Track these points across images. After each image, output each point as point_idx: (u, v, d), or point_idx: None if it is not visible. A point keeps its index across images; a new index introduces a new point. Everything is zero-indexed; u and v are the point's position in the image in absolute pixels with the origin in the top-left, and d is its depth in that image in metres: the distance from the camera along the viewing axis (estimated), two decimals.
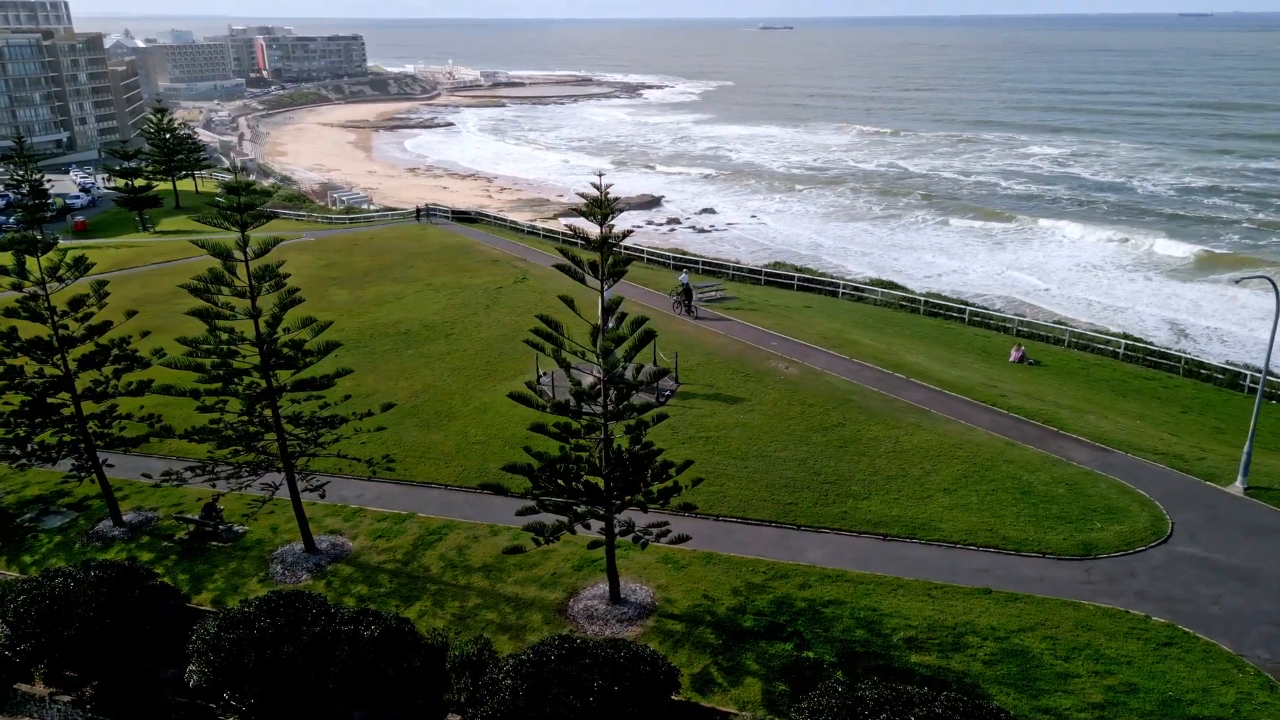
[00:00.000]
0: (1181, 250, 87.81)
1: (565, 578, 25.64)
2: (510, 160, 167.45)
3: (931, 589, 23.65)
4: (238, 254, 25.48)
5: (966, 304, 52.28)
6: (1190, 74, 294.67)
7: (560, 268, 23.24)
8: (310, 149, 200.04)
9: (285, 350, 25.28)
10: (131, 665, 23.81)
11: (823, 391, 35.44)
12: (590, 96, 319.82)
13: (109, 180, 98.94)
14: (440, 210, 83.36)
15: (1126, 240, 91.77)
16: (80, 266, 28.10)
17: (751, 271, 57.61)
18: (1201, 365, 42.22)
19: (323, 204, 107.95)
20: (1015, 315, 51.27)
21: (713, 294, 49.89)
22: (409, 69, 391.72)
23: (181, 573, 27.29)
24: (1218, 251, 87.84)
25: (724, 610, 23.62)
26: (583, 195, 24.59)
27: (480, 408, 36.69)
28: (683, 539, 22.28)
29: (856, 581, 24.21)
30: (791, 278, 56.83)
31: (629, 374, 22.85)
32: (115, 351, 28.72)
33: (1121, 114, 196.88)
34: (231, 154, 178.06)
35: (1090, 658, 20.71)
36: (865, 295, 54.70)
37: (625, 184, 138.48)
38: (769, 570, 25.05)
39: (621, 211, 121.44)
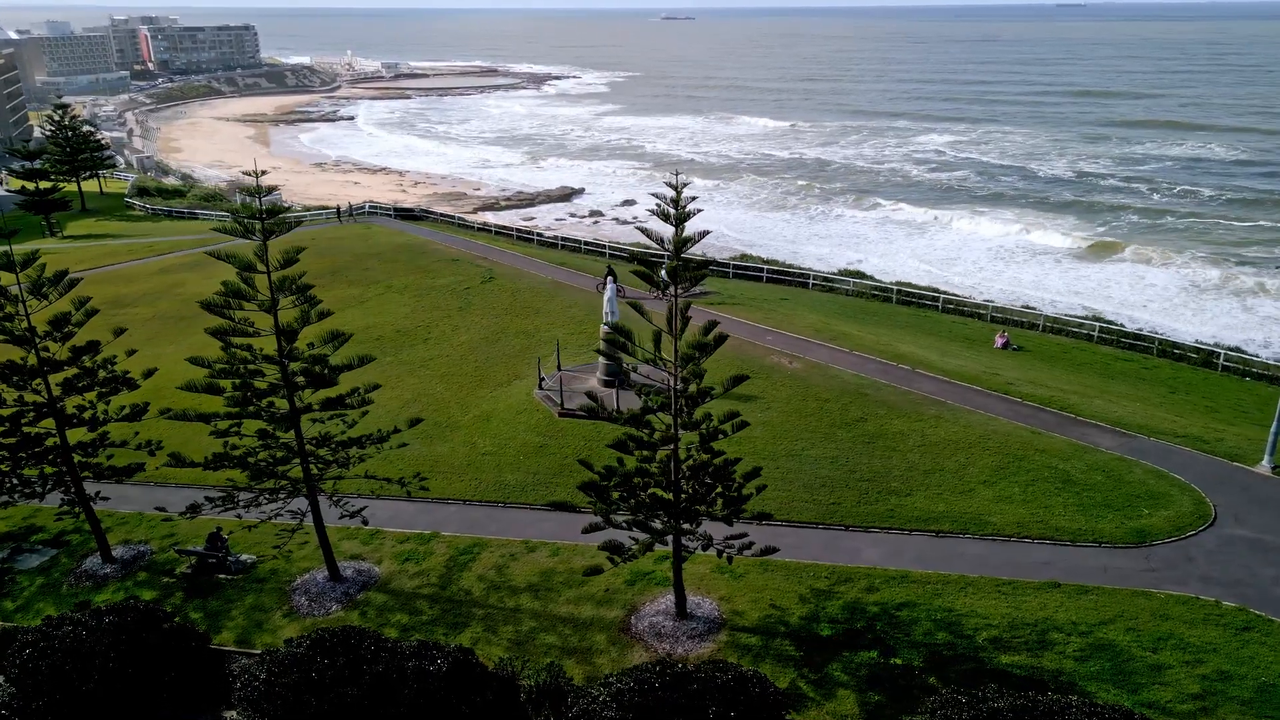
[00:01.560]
0: (1085, 233, 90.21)
1: (620, 594, 24.55)
2: (420, 154, 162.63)
3: (1000, 585, 23.44)
4: (248, 263, 23.54)
5: (939, 292, 52.84)
6: (1071, 63, 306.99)
7: (637, 274, 22.06)
8: (207, 145, 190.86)
9: (317, 369, 23.39)
10: (157, 718, 21.75)
11: (834, 386, 35.08)
12: (497, 88, 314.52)
13: (4, 183, 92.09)
14: (361, 209, 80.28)
15: (1033, 225, 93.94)
16: (60, 281, 25.53)
17: (719, 265, 57.06)
18: (1175, 345, 43.59)
19: (235, 203, 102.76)
20: (986, 301, 52.10)
21: (694, 290, 49.13)
22: (306, 60, 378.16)
23: (193, 611, 25.15)
24: (1119, 233, 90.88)
25: (796, 620, 22.93)
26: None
27: (481, 417, 35.07)
28: (770, 550, 21.44)
29: (923, 582, 23.84)
30: (760, 270, 56.52)
31: (693, 382, 21.85)
32: (103, 374, 26.20)
33: (1011, 102, 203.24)
34: (125, 151, 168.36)
35: (1176, 647, 20.77)
36: (836, 286, 54.79)
37: (542, 176, 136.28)
38: (831, 575, 24.47)
39: (540, 204, 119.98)
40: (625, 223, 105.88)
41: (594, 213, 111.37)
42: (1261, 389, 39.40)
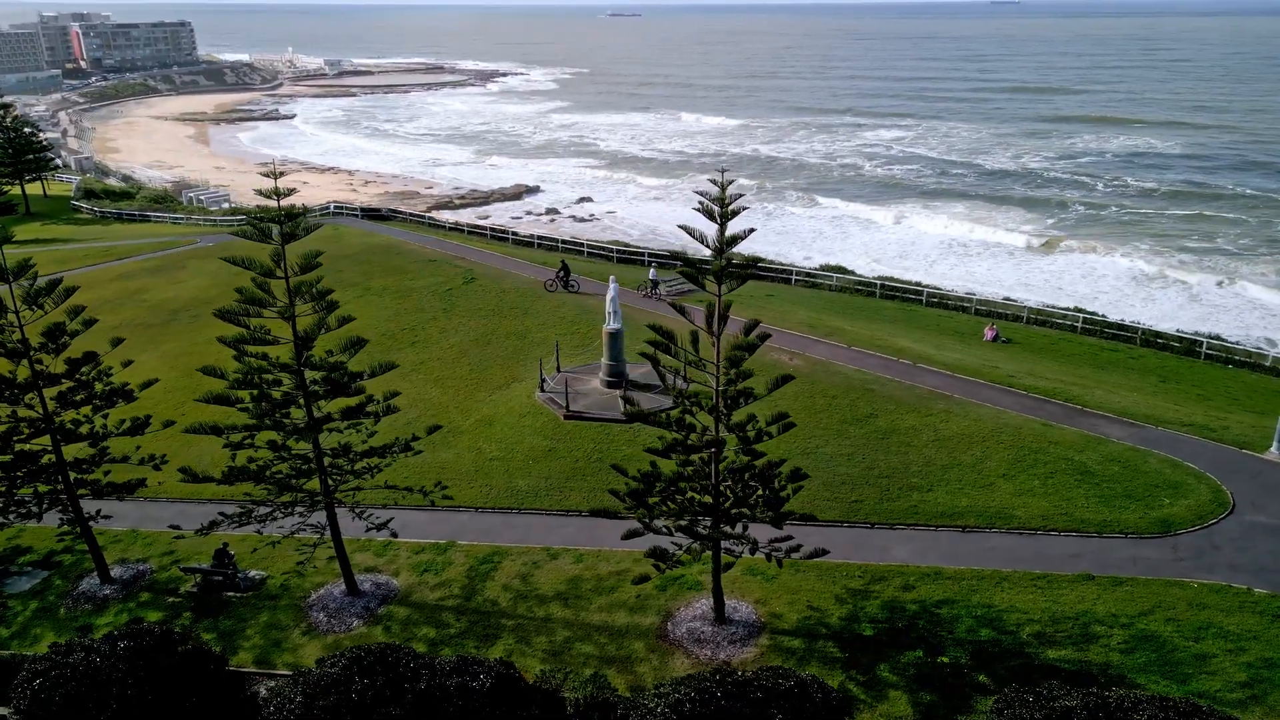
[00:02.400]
0: (1034, 226, 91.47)
1: (652, 600, 24.08)
2: (368, 153, 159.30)
3: (1035, 579, 23.47)
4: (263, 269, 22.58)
5: (923, 286, 53.21)
6: (1007, 59, 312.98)
7: (683, 273, 21.58)
8: (146, 145, 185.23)
9: (338, 377, 22.51)
10: None
11: (839, 382, 34.98)
12: (445, 85, 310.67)
13: None
14: (326, 209, 78.43)
15: (984, 219, 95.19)
16: (55, 290, 24.21)
17: (702, 261, 56.72)
18: (1158, 335, 44.39)
19: (184, 205, 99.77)
20: (969, 294, 52.60)
21: (682, 287, 48.76)
22: (245, 57, 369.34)
23: (205, 631, 24.08)
24: (1066, 225, 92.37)
25: (836, 620, 22.70)
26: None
27: (484, 421, 34.28)
28: (821, 552, 21.13)
29: (957, 578, 23.77)
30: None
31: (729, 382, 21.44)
32: (100, 386, 24.94)
33: (953, 99, 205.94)
34: (63, 152, 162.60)
35: (1218, 636, 20.95)
36: (819, 281, 54.86)
37: (494, 174, 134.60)
38: (864, 573, 24.29)
39: (495, 202, 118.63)
40: (584, 220, 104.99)
41: (550, 210, 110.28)
42: (1245, 376, 40.30)
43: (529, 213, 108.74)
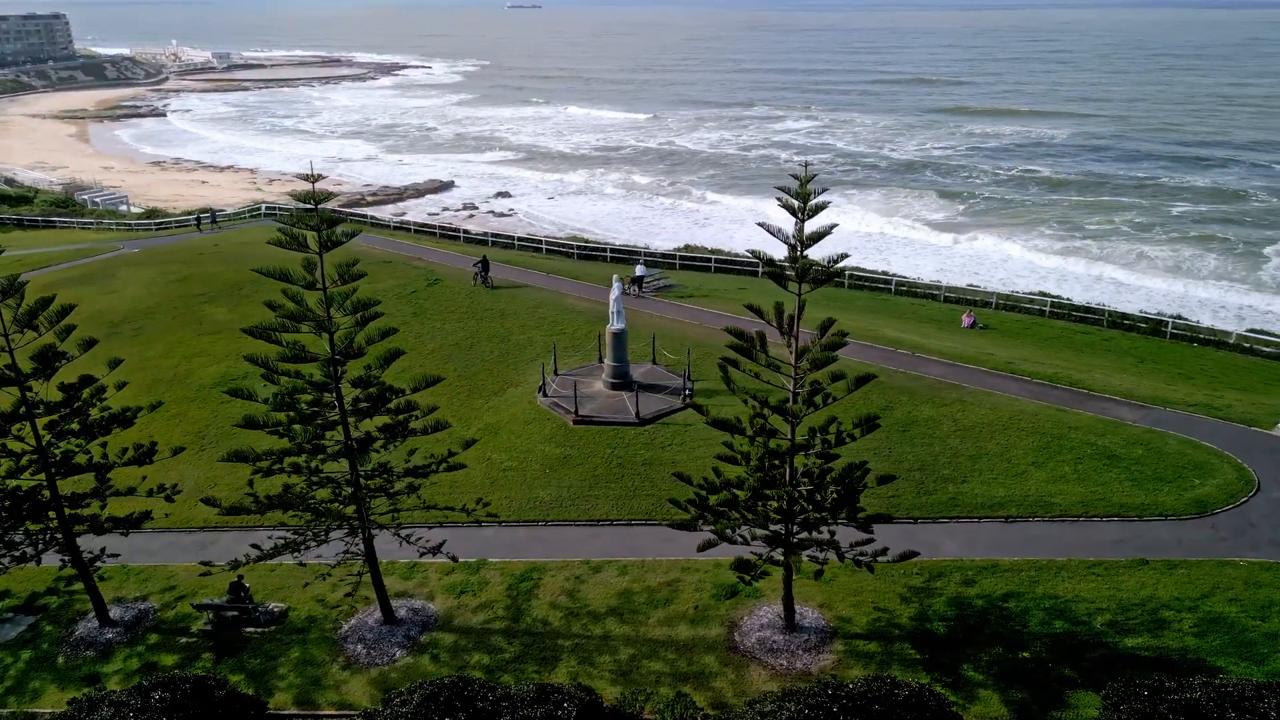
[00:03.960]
0: (947, 213, 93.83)
1: (712, 610, 23.26)
2: (269, 150, 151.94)
3: (1090, 567, 23.56)
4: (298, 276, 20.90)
5: (892, 275, 53.60)
6: (900, 50, 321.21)
7: (770, 275, 20.73)
8: (24, 145, 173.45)
9: (384, 394, 20.96)
10: None
11: (846, 374, 34.63)
12: (343, 79, 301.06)
13: None
14: (257, 209, 74.78)
15: (899, 206, 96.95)
16: (46, 307, 21.85)
17: (665, 256, 56.03)
18: (1124, 316, 45.68)
19: (88, 209, 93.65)
20: (935, 282, 53.22)
21: (660, 283, 48.00)
22: (126, 51, 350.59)
23: (231, 673, 22.13)
24: (976, 210, 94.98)
25: (907, 621, 22.32)
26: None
27: (488, 429, 32.81)
28: (911, 554, 20.67)
29: (1015, 570, 23.69)
30: (708, 260, 55.82)
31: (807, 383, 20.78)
32: (96, 413, 22.67)
33: (855, 91, 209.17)
34: None
35: None
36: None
37: (405, 170, 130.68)
38: (921, 570, 23.98)
39: (409, 198, 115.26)
40: (503, 215, 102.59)
41: (468, 205, 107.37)
42: (1212, 354, 41.77)
43: (445, 209, 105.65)
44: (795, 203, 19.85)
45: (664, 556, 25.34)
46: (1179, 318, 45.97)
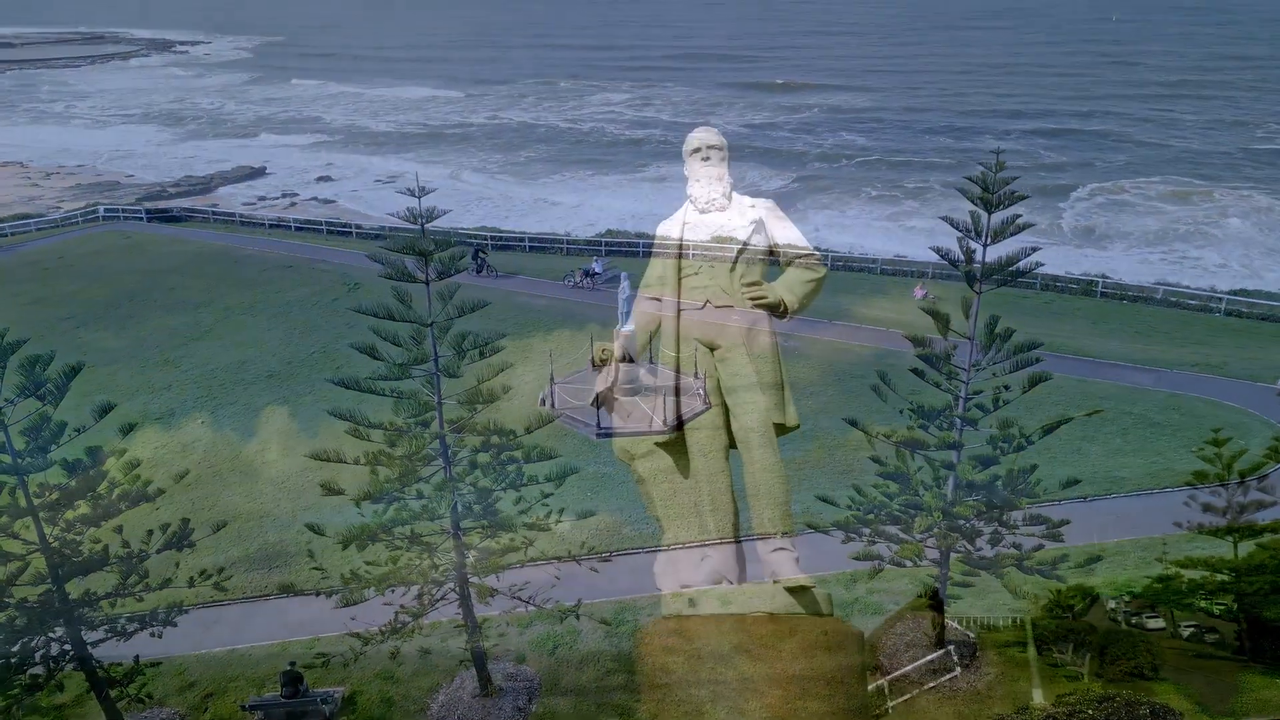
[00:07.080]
0: (782, 181, 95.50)
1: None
2: (38, 140, 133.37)
3: (1214, 533, 23.41)
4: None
5: (820, 249, 53.18)
6: (692, 24, 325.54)
7: (950, 261, 18.82)
8: None
9: (503, 442, 17.81)
10: None
11: (851, 359, 33.80)
12: (114, 56, 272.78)
13: None
14: (94, 210, 65.53)
15: (738, 177, 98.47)
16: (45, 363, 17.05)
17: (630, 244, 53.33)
18: (1055, 279, 47.21)
19: None
20: (863, 255, 53.32)
21: (612, 272, 45.37)
22: None
23: None
24: (809, 177, 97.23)
25: (1050, 623, 21.39)
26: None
27: None
28: (1094, 559, 19.62)
29: (1125, 552, 23.38)
30: (636, 245, 53.55)
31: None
32: (106, 486, 18.02)
33: (662, 67, 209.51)
34: None
35: None
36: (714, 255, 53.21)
37: (207, 156, 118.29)
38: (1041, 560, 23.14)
39: (218, 187, 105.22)
40: (330, 201, 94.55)
41: (287, 194, 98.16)
42: (1143, 309, 43.80)
43: (262, 198, 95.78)
44: (982, 194, 18.07)
45: (755, 580, 23.24)
46: (1105, 277, 48.09)
